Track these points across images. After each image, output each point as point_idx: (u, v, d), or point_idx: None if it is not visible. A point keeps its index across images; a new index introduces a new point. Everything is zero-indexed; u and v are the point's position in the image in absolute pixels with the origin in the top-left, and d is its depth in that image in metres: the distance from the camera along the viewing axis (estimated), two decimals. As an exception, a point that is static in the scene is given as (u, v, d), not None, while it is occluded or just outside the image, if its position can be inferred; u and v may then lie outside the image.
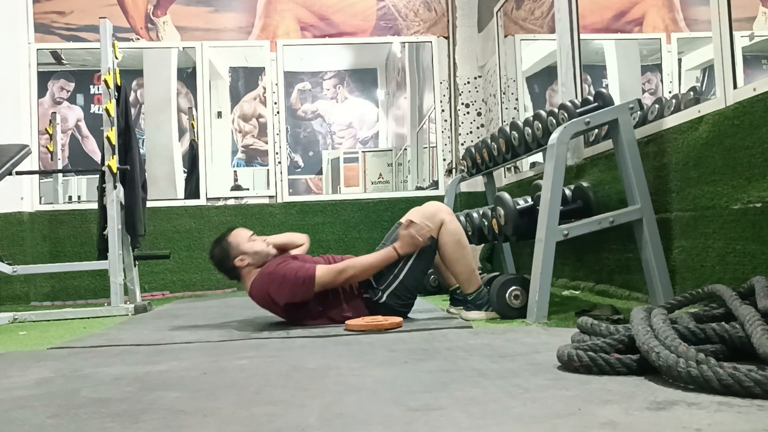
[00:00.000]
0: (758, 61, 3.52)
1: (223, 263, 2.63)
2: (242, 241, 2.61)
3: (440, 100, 5.25)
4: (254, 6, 5.16)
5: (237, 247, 2.59)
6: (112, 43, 3.76)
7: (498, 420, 1.07)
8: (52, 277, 4.73)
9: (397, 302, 2.52)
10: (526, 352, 1.69)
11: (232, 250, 2.59)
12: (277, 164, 5.12)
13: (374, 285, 2.54)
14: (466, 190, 4.94)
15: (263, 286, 2.48)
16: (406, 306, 2.56)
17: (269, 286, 2.46)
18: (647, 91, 4.29)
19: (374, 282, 2.54)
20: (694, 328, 1.41)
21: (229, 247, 2.60)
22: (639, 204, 2.46)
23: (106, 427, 1.14)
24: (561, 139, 2.50)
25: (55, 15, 5.03)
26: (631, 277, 2.73)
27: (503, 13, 4.58)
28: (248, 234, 2.66)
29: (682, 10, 4.14)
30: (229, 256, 2.59)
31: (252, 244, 2.61)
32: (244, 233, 2.65)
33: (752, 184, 1.98)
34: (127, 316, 3.42)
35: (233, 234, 2.65)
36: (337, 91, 8.27)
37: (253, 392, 1.37)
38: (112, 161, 3.60)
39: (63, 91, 6.78)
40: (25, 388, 1.53)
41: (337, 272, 2.45)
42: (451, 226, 2.55)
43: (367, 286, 2.54)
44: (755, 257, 1.97)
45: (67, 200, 5.72)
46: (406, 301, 2.56)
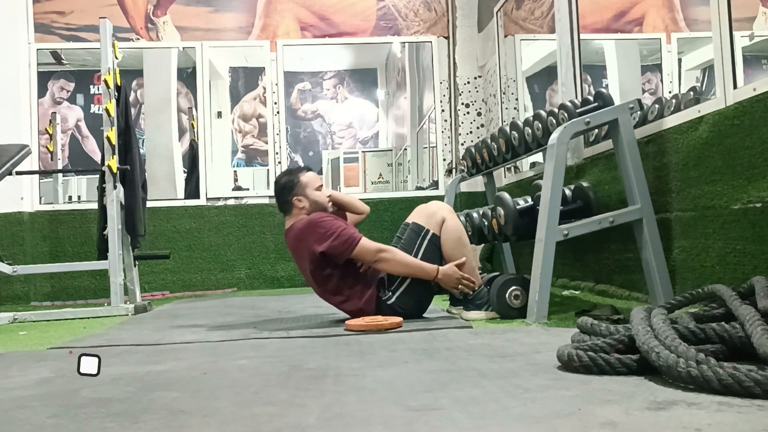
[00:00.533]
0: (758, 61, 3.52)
1: (282, 193, 2.68)
2: (310, 185, 2.65)
3: (440, 100, 5.25)
4: (254, 6, 5.16)
5: (303, 188, 2.64)
6: (112, 43, 3.76)
7: (498, 420, 1.07)
8: (52, 277, 4.73)
9: (405, 307, 2.52)
10: (526, 352, 1.69)
11: (297, 188, 2.64)
12: (277, 164, 5.12)
13: (386, 285, 2.56)
14: (466, 190, 4.94)
15: (306, 230, 2.52)
16: (414, 312, 2.56)
17: (312, 233, 2.50)
18: (647, 91, 4.29)
19: (386, 282, 2.56)
20: (694, 328, 1.41)
21: (297, 184, 2.65)
22: (639, 204, 2.46)
23: (106, 427, 1.14)
24: (561, 139, 2.50)
25: (55, 15, 5.03)
26: (631, 277, 2.73)
27: (503, 13, 4.58)
28: (318, 182, 2.69)
29: (682, 10, 4.14)
30: (292, 191, 2.64)
31: (317, 193, 2.66)
32: (315, 180, 2.69)
33: (752, 184, 1.98)
34: (127, 316, 3.42)
35: (306, 175, 2.68)
36: (337, 91, 8.27)
37: (253, 392, 1.36)
38: (112, 161, 3.60)
39: (63, 91, 6.79)
40: (25, 388, 1.53)
41: (377, 250, 2.48)
42: (452, 223, 2.56)
43: (381, 285, 2.57)
44: (755, 257, 1.97)
45: (67, 200, 5.72)
46: (415, 307, 2.56)
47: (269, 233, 4.97)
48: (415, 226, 2.58)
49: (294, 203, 2.63)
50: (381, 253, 2.48)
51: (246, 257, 4.96)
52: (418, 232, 2.56)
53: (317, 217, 2.55)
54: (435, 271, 2.49)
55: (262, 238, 4.97)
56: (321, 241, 2.47)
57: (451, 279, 2.51)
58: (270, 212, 5.01)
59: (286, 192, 2.66)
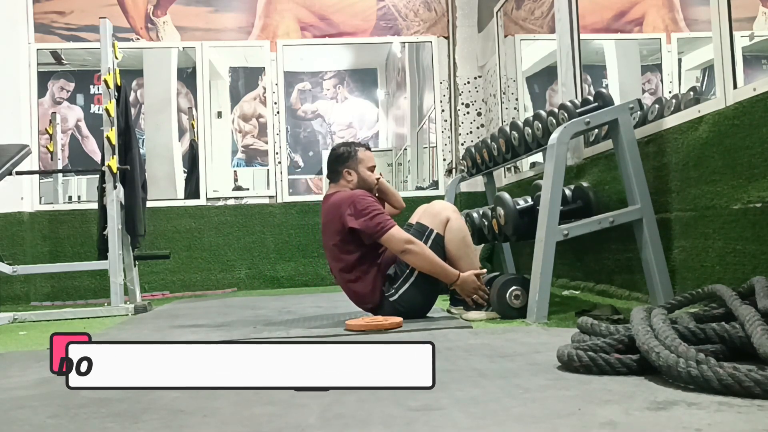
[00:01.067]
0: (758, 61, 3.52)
1: (337, 161, 2.70)
2: (364, 163, 2.70)
3: (440, 100, 5.25)
4: (254, 6, 5.16)
5: (357, 163, 2.68)
6: (112, 43, 3.76)
7: (498, 420, 1.07)
8: (52, 277, 4.73)
9: (407, 306, 2.52)
10: (526, 352, 1.69)
11: (352, 161, 2.68)
12: (277, 164, 5.12)
13: (391, 281, 2.56)
14: (466, 190, 4.94)
15: (345, 201, 2.54)
16: (416, 312, 2.56)
17: (350, 206, 2.52)
18: (647, 91, 4.29)
19: (392, 278, 2.56)
20: (694, 328, 1.41)
21: (353, 158, 2.69)
22: (639, 204, 2.46)
23: (106, 427, 1.14)
24: (561, 139, 2.50)
25: (55, 15, 5.03)
26: (631, 277, 2.73)
27: (503, 13, 4.58)
28: (372, 163, 2.73)
29: (682, 10, 4.14)
30: (346, 162, 2.68)
31: (369, 173, 2.70)
32: (370, 159, 2.73)
33: (752, 184, 1.98)
34: (127, 316, 3.42)
35: (364, 152, 2.73)
36: (337, 91, 8.27)
37: (253, 392, 1.36)
38: (112, 161, 3.60)
39: (63, 91, 6.79)
40: (25, 388, 1.53)
41: (406, 240, 2.48)
42: (456, 223, 2.57)
43: (387, 280, 2.57)
44: (755, 257, 1.97)
45: (67, 200, 5.72)
46: (417, 307, 2.56)
47: (269, 233, 4.98)
48: (420, 226, 2.58)
49: (344, 174, 2.67)
50: (409, 245, 2.47)
51: (246, 257, 4.96)
52: (422, 232, 2.56)
53: (360, 193, 2.58)
54: (455, 276, 2.50)
55: (262, 238, 4.97)
56: (356, 216, 2.49)
57: (468, 287, 2.52)
58: (270, 212, 5.01)
59: (341, 161, 2.69)
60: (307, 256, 4.89)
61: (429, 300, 2.62)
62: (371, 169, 2.71)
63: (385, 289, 2.56)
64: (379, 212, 2.51)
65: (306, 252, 4.92)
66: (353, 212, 2.50)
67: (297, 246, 4.96)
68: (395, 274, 2.56)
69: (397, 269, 2.55)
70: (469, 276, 2.52)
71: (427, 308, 2.62)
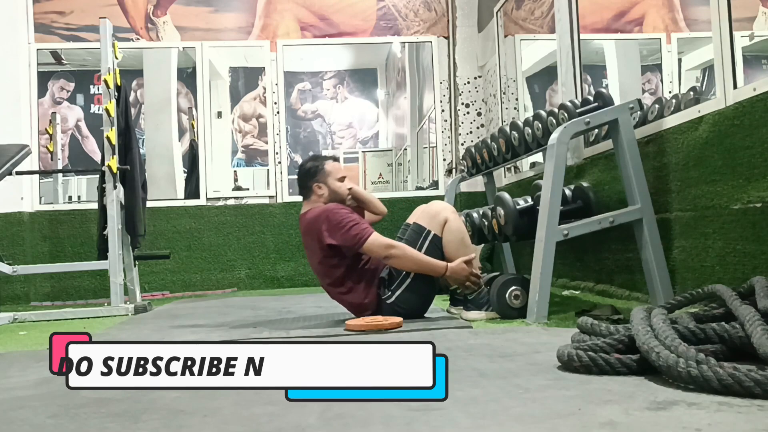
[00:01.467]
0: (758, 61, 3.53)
1: (305, 178, 2.69)
2: (333, 175, 2.66)
3: (440, 100, 5.25)
4: (254, 6, 5.16)
5: (326, 176, 2.65)
6: (112, 43, 3.76)
7: (498, 420, 1.07)
8: (52, 277, 4.73)
9: (405, 306, 2.52)
10: (526, 352, 1.69)
11: (320, 175, 2.65)
12: (277, 164, 5.12)
13: (387, 283, 2.55)
14: (466, 190, 4.93)
15: (319, 218, 2.52)
16: (414, 312, 2.56)
17: (324, 222, 2.50)
18: (647, 91, 4.29)
19: (387, 281, 2.55)
20: (694, 328, 1.41)
21: (320, 171, 2.66)
22: (639, 204, 2.46)
23: (106, 427, 1.14)
24: (561, 139, 2.50)
25: (55, 15, 5.03)
26: (631, 277, 2.73)
27: (503, 13, 4.58)
28: (341, 174, 2.70)
29: (682, 10, 4.14)
30: (314, 177, 2.65)
31: (338, 184, 2.67)
32: (339, 170, 2.70)
33: (752, 184, 1.98)
34: (127, 316, 3.42)
35: (332, 164, 2.70)
36: (337, 91, 8.27)
37: (253, 392, 1.36)
38: (112, 161, 3.60)
39: (63, 91, 6.79)
40: (25, 388, 1.53)
41: (387, 245, 2.47)
42: (454, 224, 2.56)
43: (382, 283, 2.56)
44: (755, 257, 1.97)
45: (67, 200, 5.72)
46: (415, 307, 2.56)
47: (269, 233, 4.97)
48: (417, 227, 2.57)
49: (314, 189, 2.65)
50: (391, 249, 2.47)
51: (246, 257, 4.96)
52: (420, 233, 2.55)
53: (333, 207, 2.56)
54: (444, 268, 2.49)
55: (262, 238, 4.97)
56: (332, 231, 2.48)
57: (460, 275, 2.51)
58: (270, 212, 5.01)
59: (309, 177, 2.67)
60: (307, 256, 4.89)
61: (427, 299, 2.61)
62: (341, 180, 2.67)
63: (381, 293, 2.55)
64: (354, 223, 2.49)
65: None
66: (328, 228, 2.48)
67: (297, 246, 4.95)
68: (390, 276, 2.55)
69: (392, 270, 2.55)
70: (458, 265, 2.50)
71: (426, 307, 2.62)
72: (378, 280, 2.57)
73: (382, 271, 2.58)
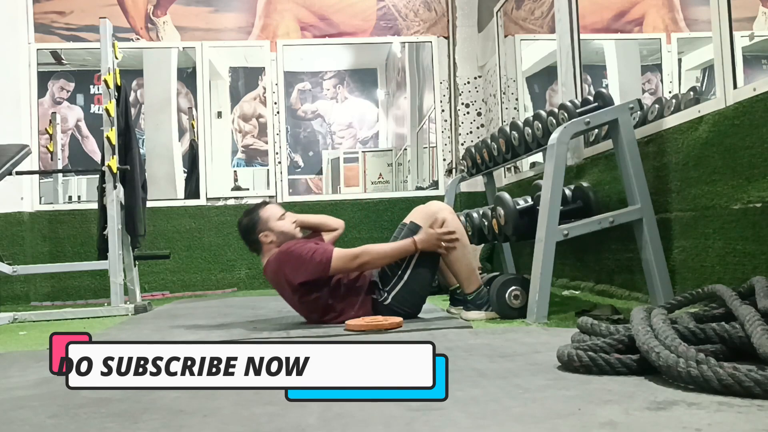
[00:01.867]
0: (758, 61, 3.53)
1: (247, 234, 2.66)
2: (272, 218, 2.62)
3: (440, 100, 5.25)
4: (254, 6, 5.16)
5: (265, 223, 2.61)
6: (112, 43, 3.76)
7: (498, 420, 1.07)
8: (52, 277, 4.73)
9: (402, 306, 2.52)
10: (526, 352, 1.69)
11: (259, 224, 2.61)
12: (277, 164, 5.12)
13: (380, 286, 2.54)
14: (466, 190, 4.93)
15: (279, 264, 2.50)
16: (412, 309, 2.56)
17: (285, 266, 2.48)
18: (647, 91, 4.29)
19: (380, 283, 2.54)
20: (694, 328, 1.41)
21: (258, 221, 2.62)
22: (639, 204, 2.46)
23: (106, 427, 1.14)
24: (561, 139, 2.50)
25: (55, 15, 5.03)
26: (631, 277, 2.73)
27: (503, 13, 4.58)
28: (280, 212, 2.65)
29: (682, 10, 4.14)
30: (255, 229, 2.61)
31: (280, 223, 2.62)
32: (275, 210, 2.66)
33: (752, 184, 1.98)
34: (127, 316, 3.42)
35: (265, 209, 2.66)
36: (337, 91, 8.27)
37: (253, 392, 1.36)
38: (112, 161, 3.60)
39: (63, 91, 6.79)
40: (25, 388, 1.53)
41: (352, 257, 2.45)
42: (452, 224, 2.55)
43: (374, 287, 2.55)
44: (755, 257, 1.97)
45: (67, 200, 5.72)
46: (412, 305, 2.55)
47: (269, 233, 4.97)
48: (413, 226, 2.56)
49: (261, 240, 2.60)
50: (357, 259, 2.45)
51: (246, 257, 4.94)
52: (416, 232, 2.55)
53: (285, 247, 2.52)
54: (412, 243, 2.47)
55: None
56: (296, 270, 2.44)
57: (431, 241, 2.48)
58: (270, 212, 5.00)
59: (251, 232, 2.63)
60: (307, 256, 4.89)
61: (421, 299, 2.60)
62: (282, 218, 2.63)
63: (376, 296, 2.54)
64: (312, 253, 2.45)
65: (306, 252, 4.91)
66: (291, 269, 2.45)
67: (297, 246, 4.95)
68: (382, 278, 2.54)
69: (387, 270, 2.53)
70: (424, 233, 2.48)
71: (419, 307, 2.60)
72: (369, 286, 2.55)
73: (372, 275, 2.56)
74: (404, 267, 2.52)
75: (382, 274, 2.54)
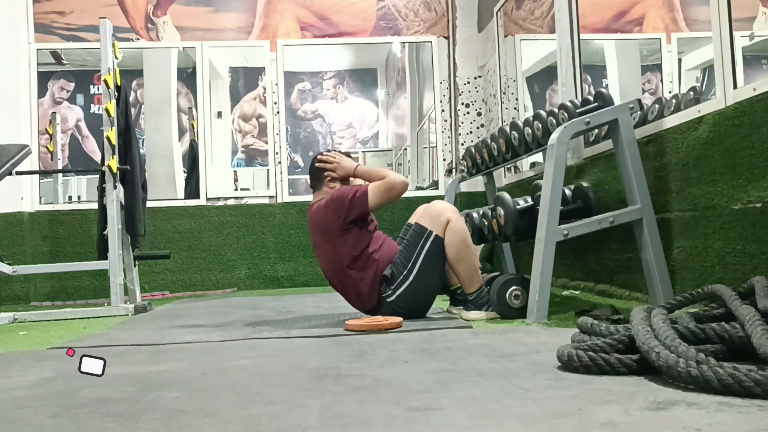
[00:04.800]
0: (758, 61, 3.53)
1: (318, 171, 2.79)
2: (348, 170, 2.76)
3: (440, 100, 5.25)
4: (254, 6, 5.16)
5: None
6: (112, 43, 3.76)
7: (498, 420, 1.07)
8: (52, 277, 4.73)
9: (405, 306, 2.53)
10: (526, 352, 1.69)
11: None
12: (277, 164, 5.12)
13: (389, 281, 2.56)
14: (466, 190, 4.94)
15: (325, 211, 2.62)
16: (414, 311, 2.56)
17: (331, 211, 2.60)
18: (647, 91, 4.29)
19: (389, 279, 2.56)
20: (694, 328, 1.41)
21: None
22: (639, 204, 2.46)
23: (106, 427, 1.14)
24: (561, 139, 2.50)
25: (55, 15, 5.03)
26: (631, 277, 2.73)
27: (503, 13, 4.58)
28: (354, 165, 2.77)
29: (682, 10, 4.14)
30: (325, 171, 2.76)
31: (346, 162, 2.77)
32: (350, 164, 2.77)
33: (752, 184, 1.98)
34: (127, 316, 3.42)
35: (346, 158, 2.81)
36: (337, 91, 8.27)
37: (253, 392, 1.37)
38: (112, 161, 3.60)
39: (63, 91, 6.78)
40: (25, 388, 1.53)
41: (382, 184, 2.59)
42: (457, 225, 2.56)
43: (383, 280, 2.57)
44: (755, 257, 1.97)
45: (67, 200, 5.72)
46: (415, 306, 2.56)
47: (269, 233, 4.98)
48: (418, 227, 2.58)
49: (326, 182, 2.75)
50: (384, 181, 2.59)
51: (246, 257, 4.96)
52: (421, 233, 2.56)
53: (334, 193, 2.65)
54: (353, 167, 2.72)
55: (262, 238, 4.97)
56: (339, 210, 2.57)
57: (344, 166, 2.71)
58: (270, 212, 5.01)
59: (321, 170, 2.77)
60: (307, 256, 4.89)
61: (428, 300, 2.62)
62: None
63: (382, 290, 2.56)
64: (353, 191, 2.58)
65: (306, 252, 4.91)
66: (335, 207, 2.58)
67: (297, 246, 4.96)
68: (392, 275, 2.56)
69: (394, 270, 2.56)
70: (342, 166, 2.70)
71: (426, 308, 2.62)
72: (381, 277, 2.58)
73: (386, 269, 2.58)
74: (410, 267, 2.53)
75: (392, 272, 2.56)
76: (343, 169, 2.72)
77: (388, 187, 2.58)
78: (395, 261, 2.57)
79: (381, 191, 2.58)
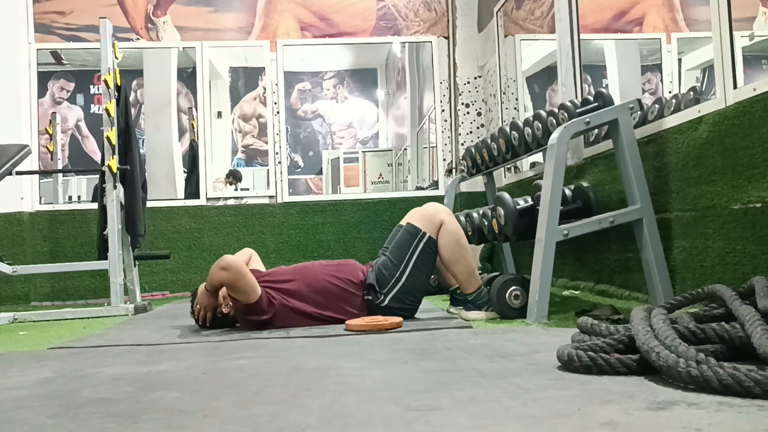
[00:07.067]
0: (758, 61, 3.52)
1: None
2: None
3: (440, 100, 5.25)
4: (254, 6, 5.16)
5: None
6: (112, 43, 3.76)
7: (498, 420, 1.07)
8: (52, 277, 4.73)
9: (401, 306, 2.52)
10: (526, 352, 1.69)
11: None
12: (277, 164, 5.12)
13: (377, 288, 2.53)
14: (466, 190, 4.94)
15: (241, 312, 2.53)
16: (409, 310, 2.56)
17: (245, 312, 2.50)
18: (647, 91, 4.29)
19: (377, 285, 2.54)
20: (694, 328, 1.41)
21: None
22: (639, 204, 2.46)
23: (106, 427, 1.14)
24: (561, 139, 2.50)
25: (55, 15, 5.03)
26: (631, 277, 2.73)
27: (503, 13, 4.58)
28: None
29: (682, 10, 4.14)
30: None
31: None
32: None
33: (752, 184, 1.98)
34: (127, 316, 3.42)
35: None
36: (337, 91, 8.27)
37: (253, 392, 1.37)
38: (112, 161, 3.60)
39: (63, 91, 6.78)
40: (25, 388, 1.53)
41: (219, 269, 2.50)
42: (451, 226, 2.55)
43: (370, 289, 2.54)
44: (755, 257, 1.97)
45: (67, 200, 5.72)
46: (410, 305, 2.56)
47: (269, 233, 4.97)
48: (411, 227, 2.57)
49: (233, 307, 2.64)
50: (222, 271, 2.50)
51: (246, 257, 4.95)
52: (414, 234, 2.54)
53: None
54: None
55: (262, 238, 4.97)
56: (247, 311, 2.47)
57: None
58: (270, 212, 5.01)
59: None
60: (307, 256, 4.89)
61: (417, 300, 2.60)
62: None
63: (372, 298, 2.54)
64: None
65: (306, 252, 4.91)
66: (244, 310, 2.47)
67: (297, 246, 4.96)
68: (379, 281, 2.53)
69: (381, 274, 2.54)
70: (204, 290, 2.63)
71: (416, 308, 2.60)
72: (365, 287, 2.55)
73: (368, 279, 2.56)
74: (402, 269, 2.52)
75: (377, 279, 2.54)
76: (204, 297, 2.64)
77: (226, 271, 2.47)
78: (384, 264, 2.55)
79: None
